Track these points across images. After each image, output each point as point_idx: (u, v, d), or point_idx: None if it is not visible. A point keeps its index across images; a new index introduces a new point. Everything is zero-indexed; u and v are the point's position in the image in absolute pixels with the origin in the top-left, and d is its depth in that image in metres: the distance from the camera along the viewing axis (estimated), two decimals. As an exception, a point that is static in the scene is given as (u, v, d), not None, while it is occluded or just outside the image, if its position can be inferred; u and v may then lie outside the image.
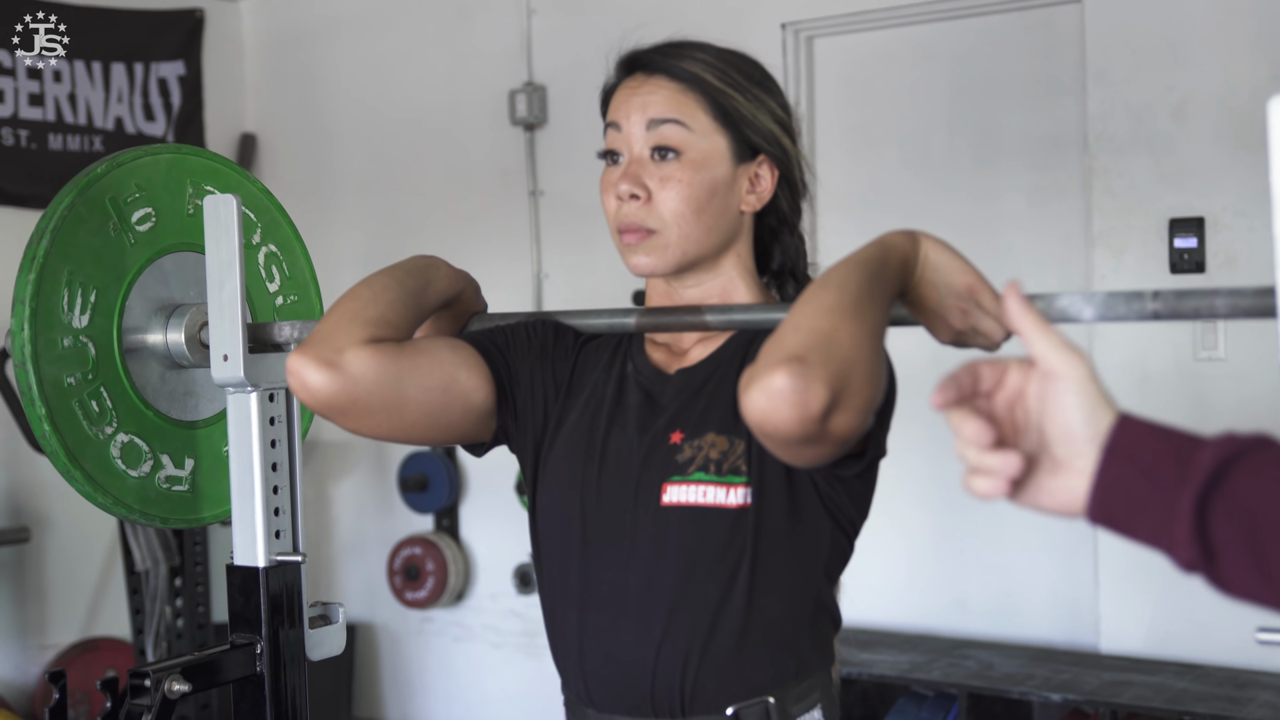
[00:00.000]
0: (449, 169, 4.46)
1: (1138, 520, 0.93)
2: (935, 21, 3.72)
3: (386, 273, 1.53)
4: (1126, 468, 0.92)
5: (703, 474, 1.41)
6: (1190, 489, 0.90)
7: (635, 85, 1.51)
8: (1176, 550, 0.92)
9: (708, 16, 3.91)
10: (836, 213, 3.85)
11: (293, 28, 4.79)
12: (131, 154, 1.75)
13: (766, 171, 1.52)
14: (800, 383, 1.12)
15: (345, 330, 1.43)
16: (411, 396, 1.45)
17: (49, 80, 4.21)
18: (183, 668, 1.62)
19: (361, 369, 1.41)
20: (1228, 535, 0.89)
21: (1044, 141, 3.58)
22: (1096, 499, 0.93)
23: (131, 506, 1.76)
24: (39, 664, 4.17)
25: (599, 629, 1.45)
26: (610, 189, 1.49)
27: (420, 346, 1.48)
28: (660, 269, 1.49)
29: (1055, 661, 3.32)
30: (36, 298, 1.65)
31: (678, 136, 1.47)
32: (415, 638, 4.56)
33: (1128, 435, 0.93)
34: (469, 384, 1.49)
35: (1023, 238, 3.60)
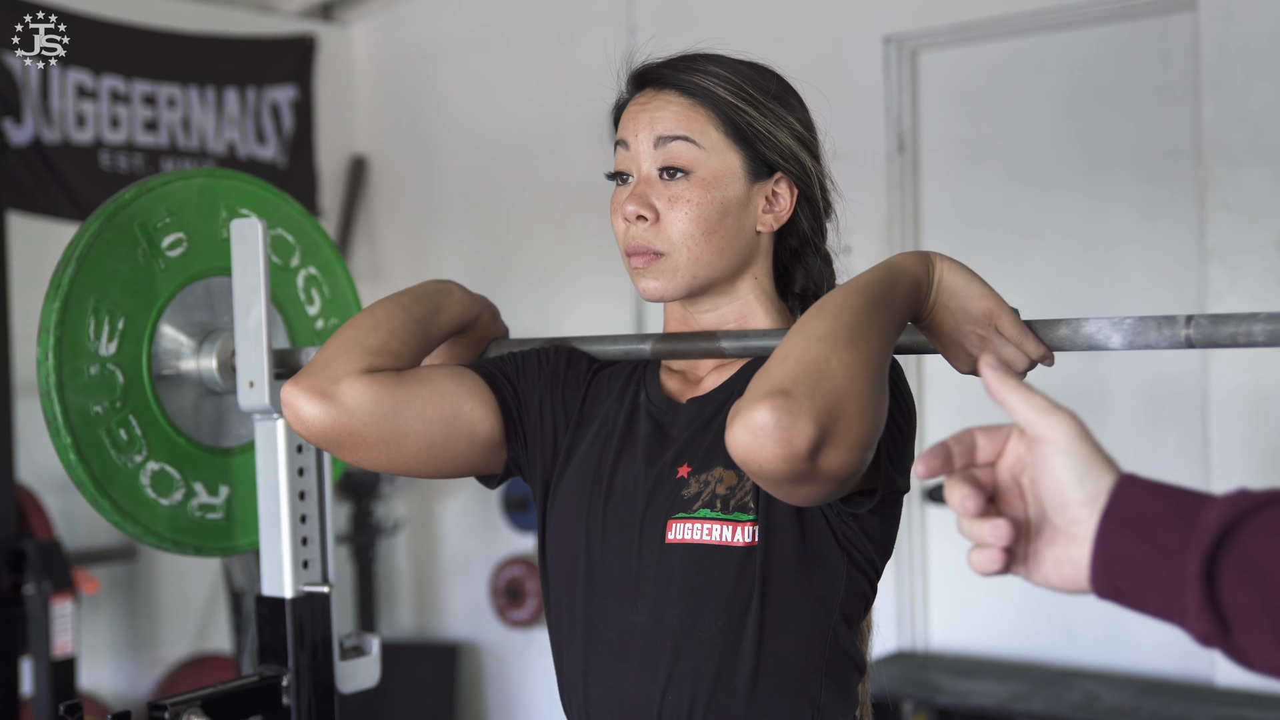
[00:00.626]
0: (552, 187, 4.45)
1: (1144, 590, 0.84)
2: (1045, 32, 3.59)
3: (393, 299, 1.49)
4: (1126, 531, 0.84)
5: (708, 511, 1.34)
6: (1196, 551, 0.81)
7: (644, 101, 1.44)
8: (1189, 622, 0.82)
9: (808, 31, 3.84)
10: (941, 230, 3.74)
11: (402, 51, 4.84)
12: (162, 179, 1.74)
13: (785, 190, 1.44)
14: (785, 418, 1.06)
15: (342, 359, 1.40)
16: (411, 428, 1.40)
17: (163, 106, 4.30)
18: (203, 700, 1.60)
19: (357, 400, 1.37)
20: (1241, 600, 0.80)
21: (1156, 153, 3.42)
22: (1098, 568, 0.85)
23: (163, 535, 1.75)
24: (150, 678, 4.25)
25: (604, 672, 1.39)
26: (618, 210, 1.43)
27: (421, 376, 1.43)
28: (670, 293, 1.42)
29: (1166, 695, 3.16)
30: (61, 326, 1.65)
31: (687, 154, 1.39)
32: (518, 658, 4.54)
33: (1128, 496, 0.85)
34: (474, 415, 1.44)
35: (1133, 253, 3.44)
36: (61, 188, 3.96)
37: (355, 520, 4.57)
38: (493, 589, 4.52)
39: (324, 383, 1.38)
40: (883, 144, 3.72)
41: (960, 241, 3.69)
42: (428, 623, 4.79)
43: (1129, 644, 3.43)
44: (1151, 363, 3.39)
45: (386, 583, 4.83)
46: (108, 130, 4.15)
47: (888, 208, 3.71)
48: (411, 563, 4.83)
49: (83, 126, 4.09)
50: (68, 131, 4.05)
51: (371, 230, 4.91)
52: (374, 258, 4.91)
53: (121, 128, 4.20)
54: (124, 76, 4.19)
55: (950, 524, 3.72)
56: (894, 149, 3.73)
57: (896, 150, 3.73)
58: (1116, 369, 3.45)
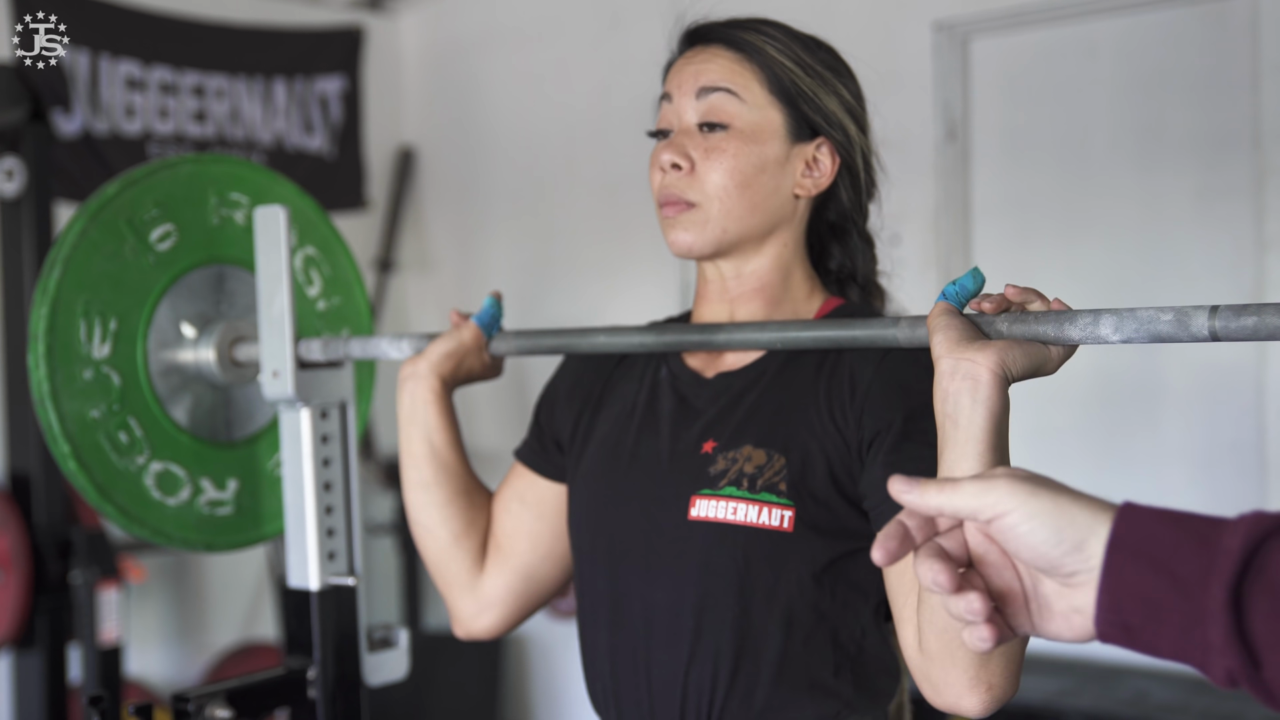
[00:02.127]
0: (599, 179, 4.42)
1: (1158, 627, 0.75)
2: (1098, 17, 3.51)
3: (406, 483, 1.57)
4: (1137, 561, 0.75)
5: (734, 489, 1.31)
6: (1220, 579, 0.73)
7: (691, 55, 1.43)
8: (1211, 659, 0.73)
9: (858, 17, 3.79)
10: (992, 219, 3.67)
11: (451, 42, 4.83)
12: (146, 170, 1.70)
13: (826, 156, 1.41)
14: (993, 706, 1.17)
15: (454, 588, 1.56)
16: (545, 573, 1.54)
17: (211, 97, 4.32)
18: (228, 693, 1.59)
19: (499, 610, 1.55)
20: (1274, 633, 0.71)
21: (1212, 140, 3.34)
22: (1106, 604, 0.76)
23: (172, 535, 1.74)
24: (198, 665, 4.28)
25: (630, 650, 1.37)
26: (655, 162, 1.41)
27: (509, 531, 1.53)
28: (698, 247, 1.39)
29: (1217, 693, 3.08)
30: (51, 332, 1.62)
31: (728, 107, 1.37)
32: (564, 650, 4.52)
33: (1133, 523, 0.76)
34: (555, 505, 1.52)
35: (1189, 242, 3.37)
36: (110, 179, 3.98)
37: (401, 512, 4.57)
38: (538, 580, 4.51)
39: (468, 621, 1.57)
40: (932, 132, 3.66)
41: (1010, 231, 3.62)
42: (474, 613, 4.79)
43: (1182, 642, 3.35)
44: (1206, 353, 3.31)
45: (433, 573, 4.82)
46: (156, 121, 4.17)
47: (936, 197, 3.65)
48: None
49: (131, 117, 4.11)
50: (116, 122, 4.07)
51: (419, 221, 4.91)
52: (422, 248, 4.91)
53: (170, 119, 4.22)
54: (173, 67, 4.21)
55: (1000, 518, 3.66)
56: (943, 137, 3.67)
57: (946, 138, 3.67)
58: (1168, 361, 3.37)
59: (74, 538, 3.23)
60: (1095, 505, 0.79)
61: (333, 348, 1.62)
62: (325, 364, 1.66)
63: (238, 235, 1.78)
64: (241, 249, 1.78)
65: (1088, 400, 3.50)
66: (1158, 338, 1.08)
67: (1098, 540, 0.77)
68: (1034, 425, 3.59)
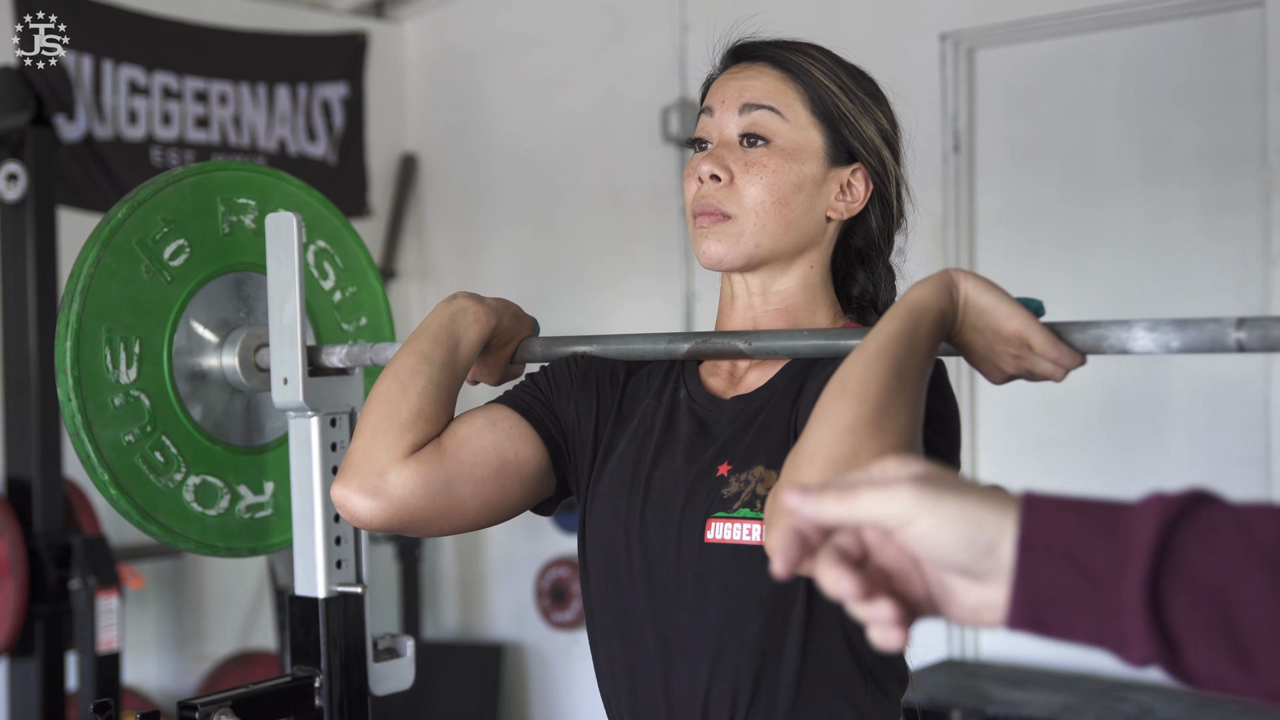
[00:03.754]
0: (602, 186, 4.41)
1: (1074, 620, 0.75)
2: (1104, 29, 3.51)
3: (412, 348, 1.46)
4: (1049, 560, 0.74)
5: (748, 511, 1.30)
6: (1135, 576, 0.73)
7: (736, 71, 1.44)
8: (1129, 648, 0.74)
9: (864, 27, 3.78)
10: (998, 231, 3.67)
11: (453, 49, 4.82)
12: (152, 188, 1.68)
13: (861, 181, 1.42)
14: None
15: (382, 445, 1.39)
16: (466, 495, 1.41)
17: (215, 103, 4.31)
18: (233, 701, 1.57)
19: (407, 489, 1.38)
20: (1193, 623, 0.72)
21: (1219, 154, 3.33)
22: (1020, 601, 0.75)
23: (216, 545, 1.75)
24: (196, 674, 4.26)
25: (650, 666, 1.36)
26: (692, 173, 1.41)
27: (460, 439, 1.42)
28: (730, 259, 1.38)
29: (1222, 709, 3.07)
30: (78, 365, 1.61)
31: (770, 123, 1.38)
32: (563, 660, 4.51)
33: (1040, 519, 0.75)
34: (520, 457, 1.44)
35: (1195, 256, 3.36)
36: (113, 184, 3.97)
37: (401, 519, 4.55)
38: (537, 590, 4.49)
39: (371, 478, 1.38)
40: (938, 143, 3.65)
41: (1016, 243, 3.62)
42: (472, 623, 4.77)
43: (1186, 657, 3.34)
44: (1211, 368, 3.31)
45: (431, 583, 4.81)
46: (159, 126, 4.16)
47: (943, 208, 3.64)
48: (456, 563, 4.82)
49: (135, 123, 4.10)
50: (120, 128, 4.06)
51: (421, 228, 4.90)
52: (423, 256, 4.90)
53: (173, 124, 4.21)
54: (176, 73, 4.20)
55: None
56: (949, 148, 3.66)
57: (952, 149, 3.67)
58: (1174, 374, 3.37)
59: (74, 545, 3.22)
60: (999, 502, 0.77)
61: (356, 355, 1.61)
62: (325, 371, 1.65)
63: (249, 240, 1.77)
64: (254, 253, 1.78)
65: (1093, 413, 3.49)
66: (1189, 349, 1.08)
67: (1008, 542, 0.76)
68: (1040, 438, 3.58)
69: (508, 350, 1.55)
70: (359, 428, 1.42)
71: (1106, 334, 1.15)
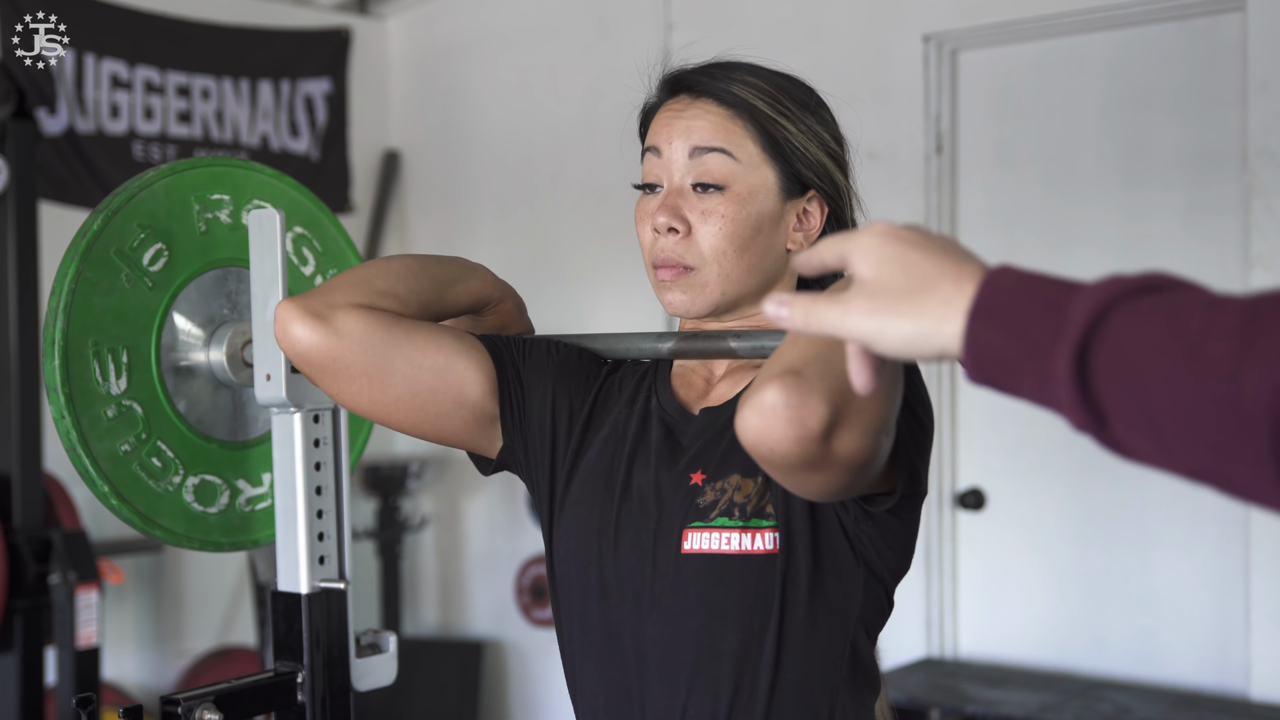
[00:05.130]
0: (585, 185, 4.41)
1: (1019, 384, 0.82)
2: (1087, 32, 3.53)
3: (415, 256, 1.47)
4: (992, 328, 0.82)
5: (726, 519, 1.30)
6: (1066, 347, 0.79)
7: (679, 109, 1.40)
8: (1064, 413, 0.81)
9: (847, 28, 3.79)
10: (978, 232, 3.68)
11: (438, 45, 4.82)
12: (124, 195, 1.67)
13: (816, 209, 1.41)
14: (795, 397, 1.03)
15: (345, 290, 1.38)
16: (398, 369, 1.37)
17: (197, 97, 4.30)
18: (216, 696, 1.57)
19: (349, 327, 1.36)
20: (1115, 395, 0.78)
21: (1200, 157, 3.35)
22: (968, 363, 0.84)
23: (220, 542, 1.76)
24: (175, 670, 4.25)
25: (624, 684, 1.35)
26: (646, 220, 1.39)
27: (421, 325, 1.40)
28: (696, 309, 1.38)
29: (1199, 708, 3.10)
30: (68, 382, 1.61)
31: (723, 168, 1.36)
32: (543, 657, 4.51)
33: (995, 292, 0.83)
34: (466, 374, 1.40)
35: (1175, 259, 3.38)
36: (95, 178, 3.96)
37: (381, 516, 4.55)
38: (518, 587, 4.49)
39: (321, 306, 1.37)
40: (921, 144, 3.67)
41: (997, 245, 3.63)
42: (452, 620, 4.77)
43: (1161, 656, 3.37)
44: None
45: (411, 579, 4.81)
46: (141, 121, 4.15)
47: (925, 209, 3.66)
48: (437, 560, 4.81)
49: (116, 117, 4.09)
50: (101, 122, 4.04)
51: (403, 225, 4.89)
52: (405, 253, 4.89)
53: (155, 118, 4.20)
54: (158, 67, 4.19)
55: (980, 530, 3.67)
56: (932, 150, 3.68)
57: (934, 151, 3.68)
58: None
59: (53, 539, 3.20)
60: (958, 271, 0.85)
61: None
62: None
63: (226, 235, 1.77)
64: (233, 248, 1.78)
65: (1072, 414, 3.50)
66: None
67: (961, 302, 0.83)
68: (1020, 438, 3.59)
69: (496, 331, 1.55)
70: (334, 278, 1.42)
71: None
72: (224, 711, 1.57)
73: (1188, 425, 0.75)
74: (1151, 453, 0.78)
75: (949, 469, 3.69)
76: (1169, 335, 0.76)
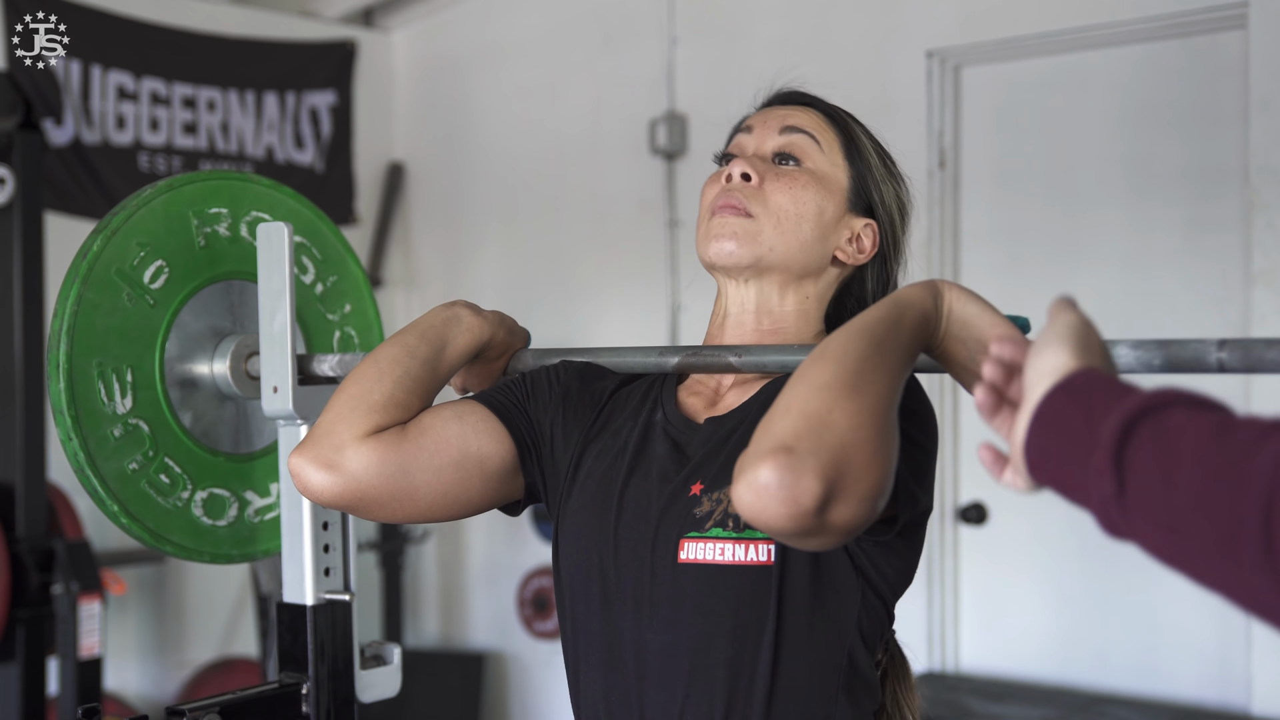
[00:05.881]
0: (588, 198, 4.43)
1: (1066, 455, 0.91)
2: (1090, 49, 3.54)
3: (397, 340, 1.47)
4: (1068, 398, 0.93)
5: (720, 530, 1.30)
6: (1119, 414, 0.87)
7: (781, 104, 1.50)
8: (1091, 484, 0.88)
9: (852, 43, 3.81)
10: (981, 247, 3.69)
11: (442, 58, 4.83)
12: (123, 214, 1.68)
13: (870, 236, 1.45)
14: (789, 476, 1.02)
15: (346, 422, 1.39)
16: (422, 481, 1.39)
17: (203, 109, 4.31)
18: (221, 707, 1.58)
19: (363, 466, 1.37)
20: (1143, 463, 0.85)
21: (1202, 174, 3.36)
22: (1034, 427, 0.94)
23: (231, 554, 1.77)
24: (176, 680, 4.25)
25: (625, 690, 1.36)
26: (717, 179, 1.44)
27: (424, 426, 1.41)
28: (739, 258, 1.39)
29: (1199, 728, 3.10)
30: (74, 404, 1.62)
31: (806, 147, 1.44)
32: (544, 669, 4.51)
33: (1083, 377, 0.94)
34: (482, 451, 1.42)
35: (1177, 275, 3.39)
36: (100, 189, 3.98)
37: (383, 528, 4.56)
38: (520, 599, 4.50)
39: (329, 451, 1.38)
40: (924, 160, 3.68)
41: (1000, 260, 3.64)
42: (454, 632, 4.77)
43: (1163, 671, 3.37)
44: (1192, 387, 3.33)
45: (413, 591, 4.81)
46: (147, 132, 4.17)
47: (928, 225, 3.67)
48: (439, 572, 4.82)
49: (122, 128, 4.10)
50: (107, 133, 4.06)
51: (407, 237, 4.91)
52: (409, 265, 4.90)
53: (161, 130, 4.22)
54: (164, 79, 4.20)
55: (982, 544, 3.68)
56: (935, 165, 3.69)
57: (937, 166, 3.69)
58: (1157, 392, 3.39)
59: (56, 549, 3.21)
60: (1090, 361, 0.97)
61: (347, 364, 1.62)
62: (316, 380, 1.66)
63: (226, 248, 1.77)
64: (234, 261, 1.78)
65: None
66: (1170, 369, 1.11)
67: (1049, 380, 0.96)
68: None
69: (500, 363, 1.56)
70: (329, 404, 1.42)
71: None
72: (229, 722, 1.58)
73: (1197, 492, 0.81)
74: (1157, 523, 0.83)
75: (951, 483, 3.70)
76: (1211, 425, 0.83)
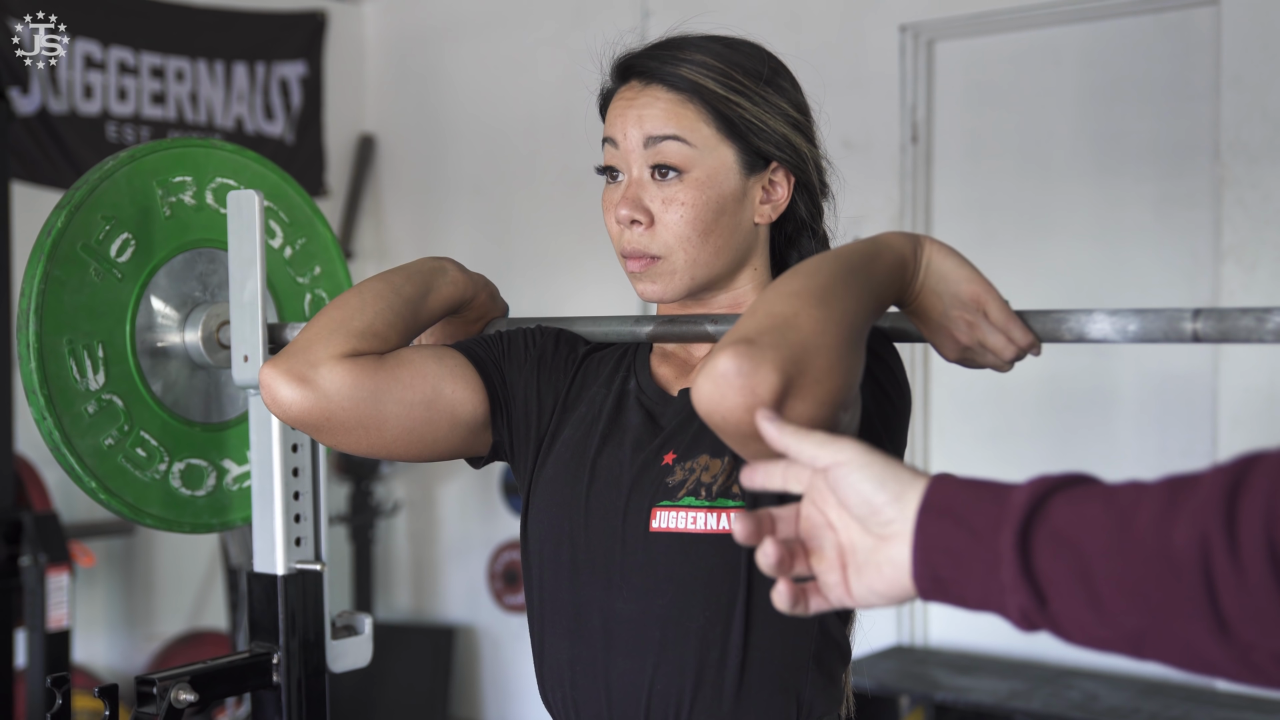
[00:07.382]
0: (561, 170, 4.41)
1: (964, 577, 0.87)
2: (1063, 24, 3.55)
3: (383, 277, 1.45)
4: (943, 519, 0.88)
5: (693, 499, 1.30)
6: (1009, 526, 0.84)
7: (630, 96, 1.39)
8: (1007, 600, 0.85)
9: (824, 18, 3.80)
10: (953, 221, 3.70)
11: (414, 30, 4.80)
12: (85, 189, 1.65)
13: (782, 179, 1.40)
14: (746, 364, 1.01)
15: (324, 342, 1.36)
16: (391, 412, 1.37)
17: (171, 79, 4.27)
18: (192, 676, 1.57)
19: (335, 385, 1.34)
20: (1055, 571, 0.83)
21: (1173, 149, 3.38)
22: (919, 558, 0.88)
23: (211, 523, 1.76)
24: (145, 653, 4.23)
25: (591, 660, 1.35)
26: (611, 210, 1.39)
27: (403, 359, 1.39)
28: (669, 295, 1.39)
29: (1166, 696, 3.13)
30: (46, 383, 1.60)
31: (679, 154, 1.34)
32: (514, 642, 4.52)
33: (941, 490, 0.89)
34: (455, 397, 1.40)
35: (1147, 250, 3.41)
36: (67, 159, 3.93)
37: (354, 501, 4.55)
38: (490, 573, 4.50)
39: (303, 366, 1.35)
40: (896, 134, 3.68)
41: (971, 234, 3.65)
42: (424, 605, 4.77)
43: (1131, 644, 3.40)
44: (1160, 362, 3.36)
45: (384, 564, 4.80)
46: (115, 102, 4.12)
47: (900, 198, 3.67)
48: (410, 544, 4.81)
49: (90, 98, 4.06)
50: (74, 102, 4.02)
51: (378, 210, 4.88)
52: (380, 237, 4.88)
53: (129, 100, 4.17)
54: (132, 48, 4.16)
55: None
56: (907, 139, 3.69)
57: (910, 140, 3.69)
58: (1124, 367, 3.41)
59: (24, 521, 3.19)
60: (917, 473, 0.92)
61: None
62: (283, 348, 1.65)
63: (192, 217, 1.76)
64: (200, 229, 1.77)
65: (1044, 404, 3.53)
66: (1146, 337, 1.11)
67: (914, 495, 0.89)
68: (992, 428, 3.62)
69: (476, 326, 1.56)
70: (309, 324, 1.40)
71: (1067, 319, 1.17)
72: (199, 692, 1.57)
73: (1126, 586, 0.80)
74: (1090, 623, 0.82)
75: (921, 457, 3.71)
76: (1103, 510, 0.82)
